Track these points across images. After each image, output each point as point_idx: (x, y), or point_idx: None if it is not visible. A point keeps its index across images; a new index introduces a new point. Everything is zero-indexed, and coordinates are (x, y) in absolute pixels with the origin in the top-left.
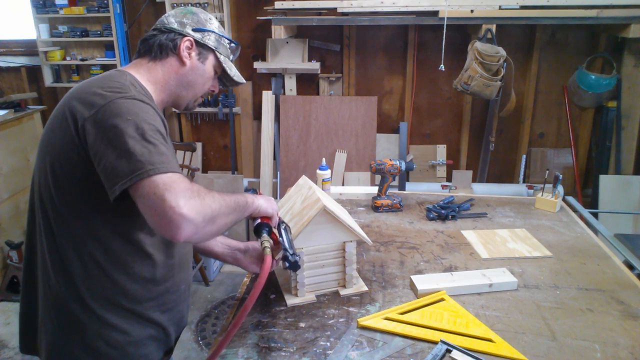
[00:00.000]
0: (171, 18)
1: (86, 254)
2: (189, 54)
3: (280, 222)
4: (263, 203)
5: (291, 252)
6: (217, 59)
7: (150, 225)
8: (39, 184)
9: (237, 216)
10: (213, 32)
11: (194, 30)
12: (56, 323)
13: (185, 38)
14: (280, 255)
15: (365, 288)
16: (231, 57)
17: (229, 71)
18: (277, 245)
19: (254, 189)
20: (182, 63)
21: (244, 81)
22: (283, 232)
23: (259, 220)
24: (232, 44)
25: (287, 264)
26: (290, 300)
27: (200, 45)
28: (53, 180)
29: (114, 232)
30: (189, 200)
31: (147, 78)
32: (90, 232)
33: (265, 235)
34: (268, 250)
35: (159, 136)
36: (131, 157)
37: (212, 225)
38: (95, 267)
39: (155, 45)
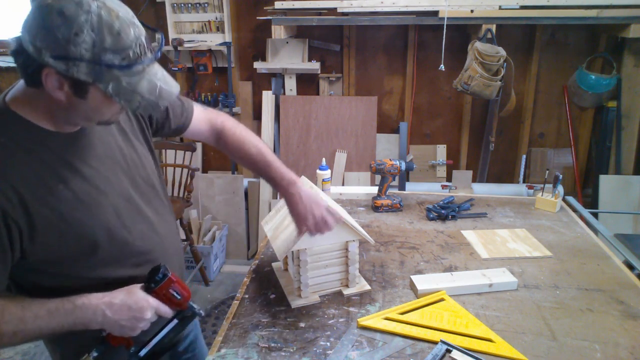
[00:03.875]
0: (25, 30)
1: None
2: (61, 88)
3: (180, 312)
4: (117, 316)
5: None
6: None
7: None
8: None
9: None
10: (81, 60)
11: (55, 58)
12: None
13: (46, 70)
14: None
15: (368, 287)
16: (141, 63)
17: (128, 105)
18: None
19: (164, 266)
20: (57, 100)
21: (173, 95)
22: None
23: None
24: (134, 55)
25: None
26: (295, 302)
27: (70, 78)
28: None
29: (49, 289)
30: None
31: (32, 108)
32: (33, 292)
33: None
34: None
35: None
36: None
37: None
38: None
39: (20, 70)
